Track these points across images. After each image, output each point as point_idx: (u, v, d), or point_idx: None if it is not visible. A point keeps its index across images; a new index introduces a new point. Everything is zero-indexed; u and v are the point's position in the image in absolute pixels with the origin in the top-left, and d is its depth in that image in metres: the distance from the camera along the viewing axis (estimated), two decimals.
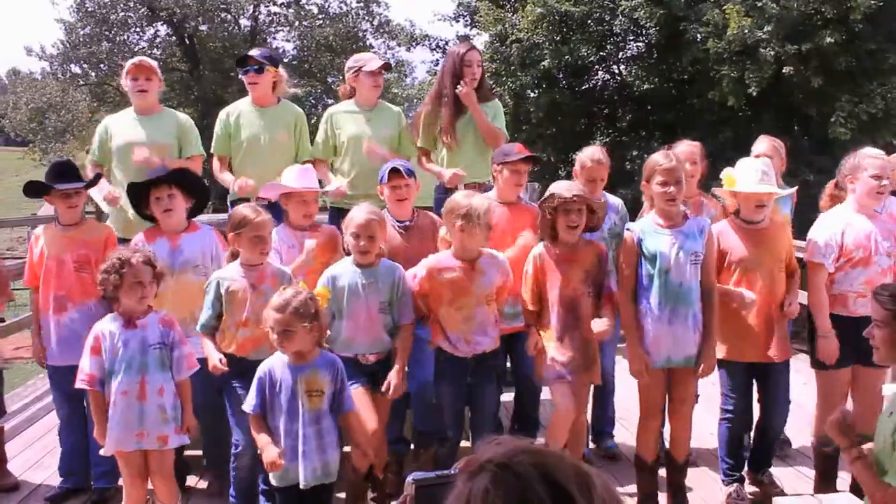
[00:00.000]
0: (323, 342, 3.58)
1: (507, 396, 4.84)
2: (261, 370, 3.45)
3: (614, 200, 4.66)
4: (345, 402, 3.50)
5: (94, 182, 4.49)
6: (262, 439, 3.40)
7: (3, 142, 64.53)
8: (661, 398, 3.99)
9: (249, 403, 3.44)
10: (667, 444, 4.21)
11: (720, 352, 4.02)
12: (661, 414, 4.06)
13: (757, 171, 3.97)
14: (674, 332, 3.85)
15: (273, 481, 3.46)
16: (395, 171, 4.16)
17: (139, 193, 4.21)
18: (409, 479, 1.37)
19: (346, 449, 3.79)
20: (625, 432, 4.94)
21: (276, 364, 3.44)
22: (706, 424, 4.51)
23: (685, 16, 12.62)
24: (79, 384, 3.56)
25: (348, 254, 3.92)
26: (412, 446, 4.36)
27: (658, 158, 3.89)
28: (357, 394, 3.70)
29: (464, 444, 4.18)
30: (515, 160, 4.27)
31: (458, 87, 4.77)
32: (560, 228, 3.87)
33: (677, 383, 3.97)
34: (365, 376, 3.82)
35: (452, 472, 1.34)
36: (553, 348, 3.89)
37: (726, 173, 4.09)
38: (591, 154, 4.46)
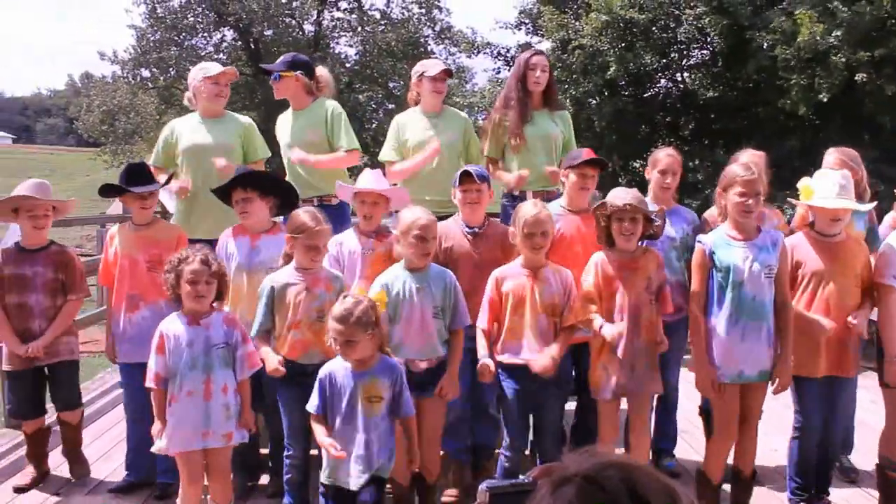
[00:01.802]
0: (384, 347, 3.58)
1: (570, 406, 4.77)
2: (322, 372, 3.48)
3: (688, 212, 4.58)
4: (403, 407, 3.50)
5: (167, 184, 4.61)
6: (319, 431, 3.42)
7: (75, 142, 66.74)
8: (734, 415, 3.88)
9: (312, 404, 3.47)
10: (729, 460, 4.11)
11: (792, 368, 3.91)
12: (735, 433, 3.94)
13: (835, 185, 3.85)
14: (747, 346, 3.77)
15: (323, 479, 3.48)
16: (467, 175, 4.14)
17: (226, 194, 4.29)
18: (483, 486, 1.35)
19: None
20: (687, 447, 4.83)
21: (337, 368, 3.46)
22: (768, 441, 4.39)
23: (751, 24, 12.38)
24: (148, 383, 3.62)
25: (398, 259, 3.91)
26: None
27: (738, 169, 3.80)
28: None
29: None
30: (581, 163, 4.22)
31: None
32: (615, 236, 3.82)
33: (748, 398, 3.88)
34: (412, 384, 3.76)
35: (527, 480, 1.32)
36: (612, 363, 3.83)
37: (803, 184, 3.98)
38: (666, 150, 4.51)
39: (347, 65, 28.45)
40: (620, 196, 3.80)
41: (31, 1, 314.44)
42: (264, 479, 4.49)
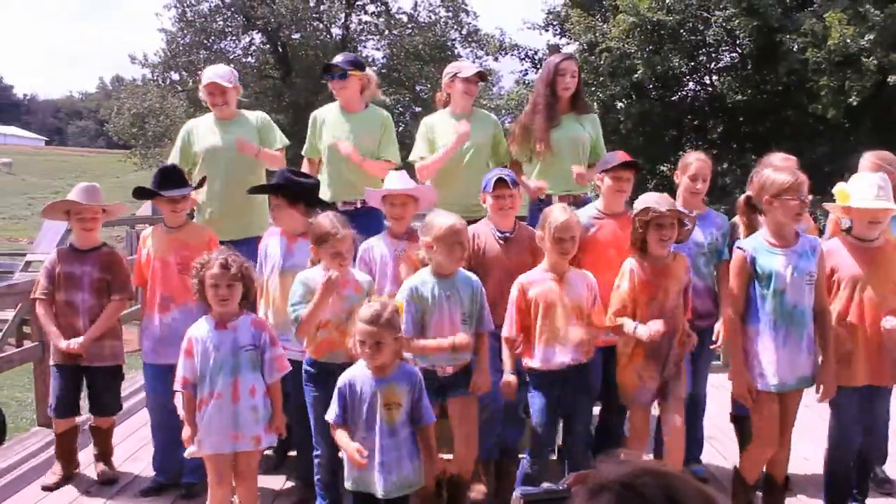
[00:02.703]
0: (402, 354, 3.57)
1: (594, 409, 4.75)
2: (341, 381, 3.45)
3: (718, 216, 4.52)
4: (423, 414, 3.47)
5: (199, 186, 4.65)
6: (341, 438, 3.41)
7: (105, 145, 67.61)
8: (777, 423, 3.82)
9: (331, 413, 3.46)
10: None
11: None
12: (777, 440, 3.86)
13: (873, 186, 3.77)
14: (788, 354, 3.73)
15: (348, 486, 3.47)
16: (500, 181, 4.13)
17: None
18: (517, 493, 1.34)
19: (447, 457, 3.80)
20: (714, 453, 4.78)
21: (356, 375, 3.44)
22: (800, 449, 4.33)
23: (781, 26, 12.27)
24: (176, 386, 3.64)
25: (424, 264, 3.89)
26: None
27: (785, 175, 3.74)
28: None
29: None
30: (616, 166, 4.19)
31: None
32: (652, 242, 3.79)
33: (786, 406, 3.83)
34: (435, 392, 3.73)
35: (561, 487, 1.30)
36: (645, 368, 3.80)
37: (839, 188, 3.91)
38: (696, 154, 4.44)
39: (374, 68, 28.58)
40: (660, 202, 3.77)
41: (64, 5, 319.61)
42: (278, 482, 4.51)
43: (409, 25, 29.29)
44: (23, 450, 5.10)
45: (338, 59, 5.18)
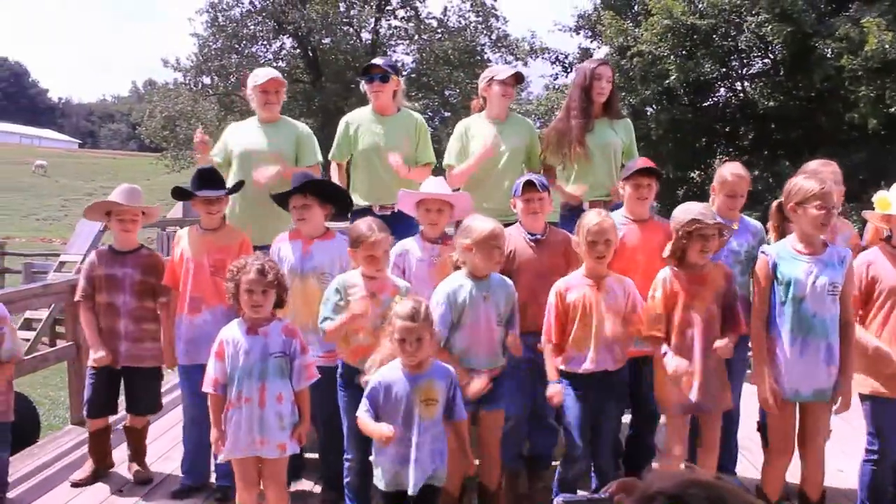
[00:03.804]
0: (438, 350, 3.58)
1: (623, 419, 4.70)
2: (373, 383, 3.45)
3: (753, 223, 4.47)
4: (457, 411, 3.49)
5: (235, 189, 4.65)
6: (366, 422, 3.37)
7: (136, 147, 68.57)
8: (791, 432, 3.79)
9: (362, 411, 3.45)
10: (792, 481, 3.99)
11: (866, 387, 3.80)
12: (792, 450, 3.84)
13: None
14: (804, 363, 3.67)
15: (380, 486, 3.46)
16: (529, 184, 4.14)
17: (283, 200, 4.34)
18: (559, 499, 1.32)
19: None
20: (747, 465, 4.71)
21: (390, 374, 3.44)
22: (834, 462, 4.24)
23: (816, 32, 12.09)
24: (205, 387, 3.66)
25: (457, 267, 3.88)
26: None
27: (811, 183, 3.69)
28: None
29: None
30: (634, 173, 4.17)
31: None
32: (692, 252, 3.76)
33: (809, 417, 3.77)
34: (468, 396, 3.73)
35: (603, 495, 1.28)
36: (683, 379, 3.76)
37: (880, 196, 3.84)
38: (733, 168, 4.31)
39: (404, 73, 28.69)
40: (705, 214, 3.74)
41: (98, 10, 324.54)
42: (306, 485, 4.51)
43: (439, 30, 29.37)
44: (56, 448, 5.17)
45: (378, 61, 5.19)
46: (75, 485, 4.56)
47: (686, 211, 3.79)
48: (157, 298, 4.58)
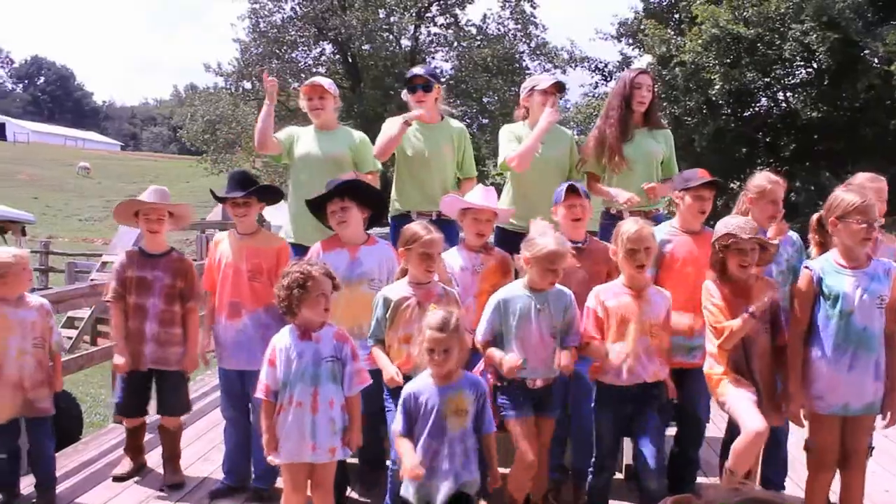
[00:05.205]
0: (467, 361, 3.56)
1: (668, 433, 4.63)
2: (405, 392, 3.45)
3: (791, 233, 4.39)
4: (486, 423, 3.47)
5: (259, 191, 4.60)
6: (404, 449, 3.39)
7: (177, 150, 69.53)
8: (835, 447, 3.71)
9: (398, 424, 3.45)
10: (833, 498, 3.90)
11: None
12: (835, 466, 3.76)
13: None
14: (854, 377, 3.59)
15: (410, 498, 3.43)
16: (572, 190, 4.12)
17: (320, 206, 4.32)
18: None
19: (505, 470, 3.76)
20: (791, 485, 4.61)
21: (421, 385, 3.44)
22: (879, 481, 4.15)
23: (862, 40, 11.86)
24: (257, 393, 3.64)
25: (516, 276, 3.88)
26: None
27: (852, 196, 3.63)
28: (528, 423, 3.71)
29: (617, 476, 4.05)
30: (698, 185, 4.11)
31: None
32: (732, 266, 3.71)
33: (853, 432, 3.69)
34: (531, 402, 3.76)
35: None
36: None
37: None
38: (768, 176, 4.23)
39: (443, 80, 28.78)
40: (743, 227, 3.68)
41: (142, 15, 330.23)
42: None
43: (478, 37, 29.40)
44: (98, 446, 5.25)
45: (419, 70, 5.19)
46: (117, 479, 4.63)
47: (725, 224, 3.75)
48: (186, 303, 4.61)
